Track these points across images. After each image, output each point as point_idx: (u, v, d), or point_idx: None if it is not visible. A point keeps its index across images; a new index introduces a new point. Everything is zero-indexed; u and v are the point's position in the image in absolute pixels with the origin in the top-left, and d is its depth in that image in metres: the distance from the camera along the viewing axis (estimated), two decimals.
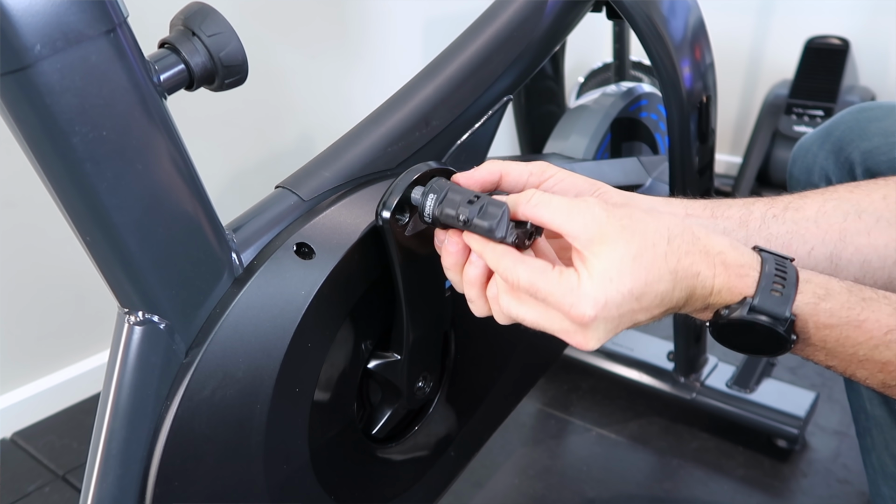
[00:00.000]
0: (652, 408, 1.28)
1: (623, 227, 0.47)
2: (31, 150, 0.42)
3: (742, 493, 1.11)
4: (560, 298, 0.47)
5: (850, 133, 0.75)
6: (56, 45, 0.38)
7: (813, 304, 0.48)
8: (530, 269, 0.48)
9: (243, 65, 0.47)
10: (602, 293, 0.46)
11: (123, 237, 0.45)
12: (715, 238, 0.49)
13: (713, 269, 0.48)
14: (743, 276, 0.48)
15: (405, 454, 0.69)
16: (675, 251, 0.47)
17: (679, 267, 0.47)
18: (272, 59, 1.44)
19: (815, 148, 0.78)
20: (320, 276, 0.54)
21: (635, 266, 0.46)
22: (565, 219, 0.48)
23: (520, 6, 0.73)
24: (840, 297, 0.48)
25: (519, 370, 0.80)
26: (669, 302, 0.48)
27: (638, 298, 0.47)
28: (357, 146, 0.61)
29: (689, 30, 0.92)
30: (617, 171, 0.97)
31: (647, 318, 0.49)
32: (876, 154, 0.72)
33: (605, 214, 0.48)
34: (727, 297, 0.48)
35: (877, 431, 0.72)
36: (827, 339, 0.48)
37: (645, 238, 0.47)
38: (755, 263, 0.49)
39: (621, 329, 0.49)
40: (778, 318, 0.47)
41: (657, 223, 0.48)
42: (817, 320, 0.48)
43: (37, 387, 1.28)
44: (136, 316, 0.48)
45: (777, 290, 0.47)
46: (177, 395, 0.49)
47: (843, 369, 0.50)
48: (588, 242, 0.47)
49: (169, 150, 0.46)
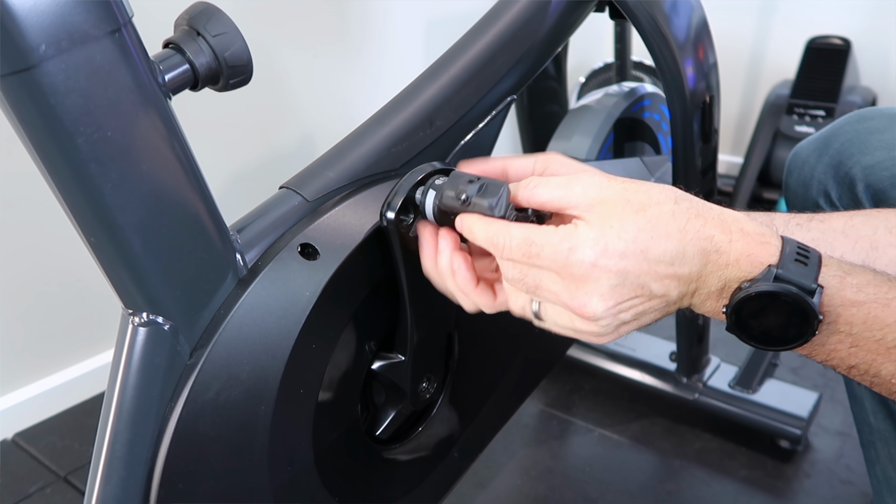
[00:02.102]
0: (654, 408, 1.28)
1: (624, 188, 0.46)
2: (36, 151, 0.42)
3: (745, 493, 1.11)
4: (557, 245, 0.45)
5: (849, 146, 0.72)
6: (61, 45, 0.38)
7: (839, 277, 0.44)
8: (524, 226, 0.47)
9: (248, 65, 0.47)
10: (601, 236, 0.44)
11: (128, 238, 0.45)
12: (730, 211, 0.46)
13: (729, 235, 0.44)
14: (764, 244, 0.44)
15: (409, 455, 0.69)
16: (684, 211, 0.45)
17: (688, 227, 0.44)
18: (273, 59, 1.44)
19: (813, 160, 0.75)
20: (325, 276, 0.54)
21: (638, 218, 0.44)
22: (564, 191, 0.47)
23: (523, 6, 0.73)
24: (866, 274, 0.45)
25: (522, 371, 0.80)
26: (681, 267, 0.44)
27: (643, 252, 0.44)
28: (361, 146, 0.61)
29: (693, 30, 0.92)
30: (620, 172, 0.95)
31: (659, 285, 0.45)
32: (878, 169, 0.68)
33: (606, 180, 0.46)
34: (746, 268, 0.44)
35: (881, 444, 0.72)
36: (854, 319, 0.44)
37: (649, 198, 0.45)
38: (774, 235, 0.45)
39: (630, 295, 0.45)
40: (805, 288, 0.43)
41: (661, 190, 0.46)
42: (844, 296, 0.44)
43: (38, 387, 1.27)
44: (140, 317, 0.48)
45: (801, 261, 0.44)
46: (181, 397, 0.49)
47: (869, 364, 0.46)
48: (588, 207, 0.45)
49: (174, 150, 0.46)
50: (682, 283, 0.45)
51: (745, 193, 2.00)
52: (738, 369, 1.26)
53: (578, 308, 0.46)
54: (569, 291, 0.46)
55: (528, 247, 0.46)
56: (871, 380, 0.47)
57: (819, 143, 0.75)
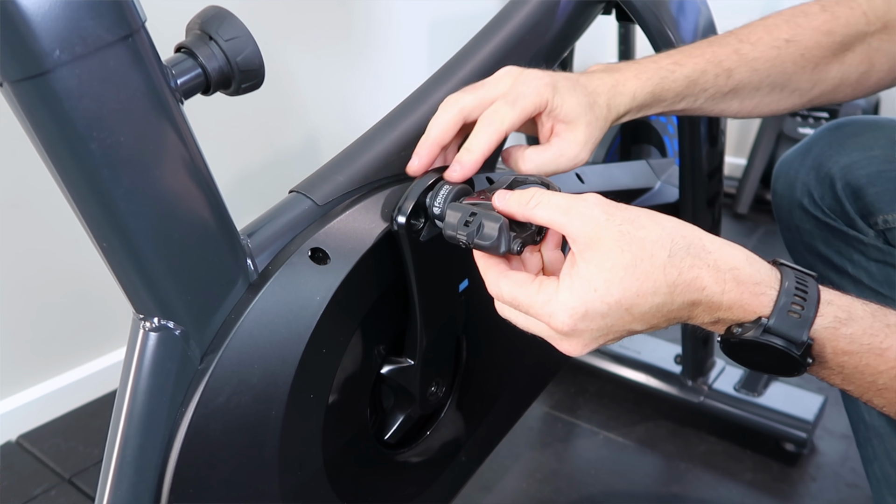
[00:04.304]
0: (659, 411, 1.28)
1: (621, 233, 0.46)
2: (48, 156, 0.42)
3: (750, 496, 1.11)
4: (539, 310, 0.47)
5: (828, 149, 0.75)
6: (75, 50, 0.38)
7: (833, 329, 0.45)
8: (511, 283, 0.49)
9: (260, 69, 0.47)
10: (581, 304, 0.45)
11: (140, 243, 0.45)
12: (729, 251, 0.47)
13: (722, 286, 0.45)
14: (758, 295, 0.46)
15: (417, 459, 0.69)
16: (677, 264, 0.45)
17: (680, 280, 0.45)
18: (278, 62, 1.44)
19: (797, 164, 0.78)
20: (335, 281, 0.54)
21: (626, 276, 0.45)
22: (564, 219, 0.47)
23: (532, 9, 0.73)
24: (863, 321, 0.46)
25: (529, 374, 0.80)
26: (669, 314, 0.46)
27: (628, 309, 0.45)
28: (371, 150, 0.61)
29: (699, 32, 0.92)
30: (626, 174, 0.96)
31: (645, 328, 0.47)
32: (855, 168, 0.72)
33: (605, 217, 0.46)
34: (739, 315, 0.46)
35: (877, 441, 0.72)
36: (845, 365, 0.46)
37: (643, 247, 0.45)
38: (773, 281, 0.46)
39: (614, 337, 0.48)
40: (794, 341, 0.45)
41: (660, 232, 0.46)
42: (836, 346, 0.46)
43: (42, 389, 1.27)
44: (151, 322, 0.48)
45: (795, 312, 0.45)
46: (192, 402, 0.49)
47: (860, 395, 0.48)
48: (584, 246, 0.46)
49: (186, 155, 0.46)
50: (669, 321, 0.48)
51: (749, 195, 2.00)
52: (744, 372, 1.26)
53: (564, 351, 0.49)
54: (554, 340, 0.49)
55: (516, 304, 0.49)
56: (865, 402, 0.49)
57: (801, 150, 0.79)
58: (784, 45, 0.66)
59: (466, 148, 0.56)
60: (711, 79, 0.64)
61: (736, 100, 0.67)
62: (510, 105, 0.56)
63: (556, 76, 0.58)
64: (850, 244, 0.73)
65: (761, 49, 0.65)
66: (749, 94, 0.67)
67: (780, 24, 0.67)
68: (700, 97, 0.65)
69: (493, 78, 0.58)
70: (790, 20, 0.67)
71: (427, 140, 0.57)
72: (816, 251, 0.77)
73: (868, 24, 0.66)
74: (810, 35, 0.66)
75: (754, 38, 0.66)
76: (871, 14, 0.66)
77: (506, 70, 0.58)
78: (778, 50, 0.66)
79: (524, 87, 0.56)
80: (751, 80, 0.66)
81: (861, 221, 0.72)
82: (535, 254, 0.53)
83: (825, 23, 0.66)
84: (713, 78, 0.64)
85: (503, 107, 0.56)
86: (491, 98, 0.57)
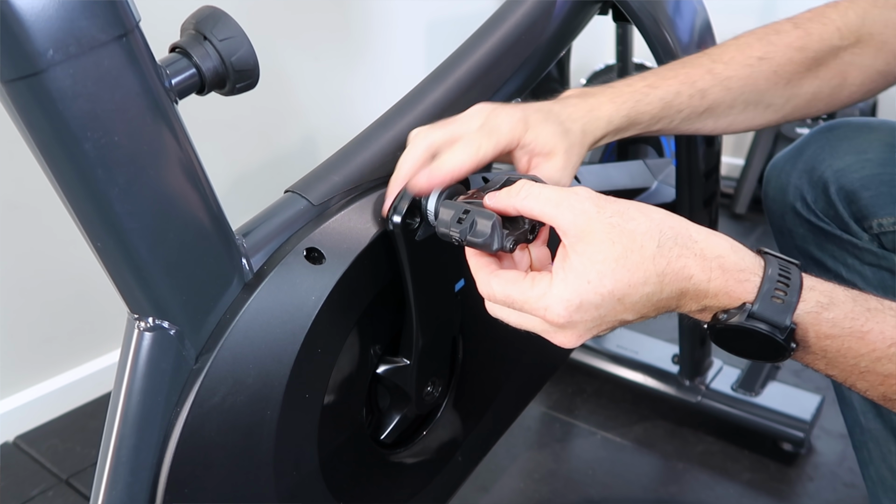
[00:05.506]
0: (657, 411, 1.28)
1: (612, 225, 0.47)
2: (43, 156, 0.42)
3: (748, 496, 1.11)
4: (535, 304, 0.48)
5: (821, 152, 0.75)
6: (69, 49, 0.38)
7: (815, 314, 0.47)
8: (503, 282, 0.49)
9: (255, 69, 0.47)
10: (576, 295, 0.46)
11: (134, 243, 0.45)
12: (714, 240, 0.48)
13: (708, 273, 0.47)
14: (743, 282, 0.47)
15: (413, 459, 0.69)
16: (666, 254, 0.46)
17: (668, 270, 0.46)
18: (275, 62, 1.44)
19: (788, 167, 0.78)
20: (330, 281, 0.54)
21: (618, 267, 0.46)
22: (555, 212, 0.48)
23: (528, 9, 0.73)
24: (844, 306, 0.47)
25: (526, 374, 0.80)
26: (659, 303, 0.48)
27: (620, 300, 0.47)
28: (367, 150, 0.61)
29: (696, 32, 0.92)
30: (623, 174, 0.96)
31: (636, 317, 0.49)
32: (848, 172, 0.72)
33: (596, 210, 0.47)
34: (725, 301, 0.47)
35: (873, 444, 0.72)
36: (828, 349, 0.47)
37: (633, 239, 0.46)
38: (757, 268, 0.48)
39: (608, 327, 0.49)
40: (778, 325, 0.46)
41: (649, 224, 0.47)
42: (819, 330, 0.47)
43: (40, 390, 1.27)
44: (146, 322, 0.48)
45: (778, 297, 0.46)
46: (187, 402, 0.49)
47: (843, 379, 0.49)
48: (575, 239, 0.47)
49: (180, 155, 0.46)
50: (658, 310, 0.49)
51: (746, 195, 2.00)
52: (741, 372, 1.26)
53: (559, 343, 0.50)
54: (549, 333, 0.50)
55: (510, 302, 0.49)
56: (849, 387, 0.50)
57: (793, 153, 0.79)
58: (757, 63, 0.66)
59: (440, 162, 0.55)
60: (686, 99, 0.65)
61: (711, 119, 0.68)
62: (486, 136, 0.56)
63: (527, 110, 0.59)
64: (845, 248, 0.73)
65: (734, 68, 0.66)
66: (723, 112, 0.68)
67: (753, 43, 0.67)
68: (675, 118, 0.66)
69: (466, 115, 0.59)
70: (762, 38, 0.68)
71: (397, 179, 0.57)
72: (810, 255, 0.77)
73: (842, 38, 0.67)
74: (783, 52, 0.66)
75: (727, 57, 0.67)
76: (844, 29, 0.67)
77: (478, 107, 0.59)
78: (751, 68, 0.66)
79: (497, 122, 0.57)
80: (724, 99, 0.66)
81: (855, 225, 0.72)
82: (525, 251, 0.53)
83: (798, 39, 0.67)
84: (687, 98, 0.65)
85: (481, 137, 0.56)
86: (461, 134, 0.57)
